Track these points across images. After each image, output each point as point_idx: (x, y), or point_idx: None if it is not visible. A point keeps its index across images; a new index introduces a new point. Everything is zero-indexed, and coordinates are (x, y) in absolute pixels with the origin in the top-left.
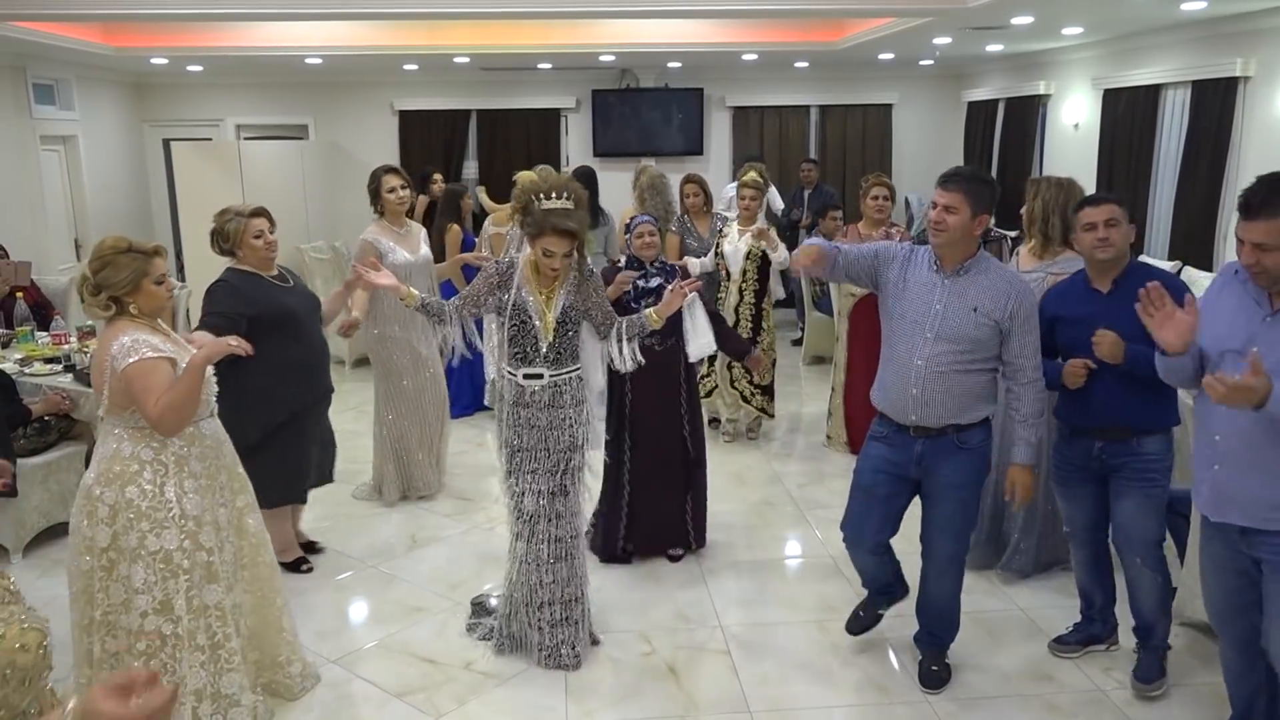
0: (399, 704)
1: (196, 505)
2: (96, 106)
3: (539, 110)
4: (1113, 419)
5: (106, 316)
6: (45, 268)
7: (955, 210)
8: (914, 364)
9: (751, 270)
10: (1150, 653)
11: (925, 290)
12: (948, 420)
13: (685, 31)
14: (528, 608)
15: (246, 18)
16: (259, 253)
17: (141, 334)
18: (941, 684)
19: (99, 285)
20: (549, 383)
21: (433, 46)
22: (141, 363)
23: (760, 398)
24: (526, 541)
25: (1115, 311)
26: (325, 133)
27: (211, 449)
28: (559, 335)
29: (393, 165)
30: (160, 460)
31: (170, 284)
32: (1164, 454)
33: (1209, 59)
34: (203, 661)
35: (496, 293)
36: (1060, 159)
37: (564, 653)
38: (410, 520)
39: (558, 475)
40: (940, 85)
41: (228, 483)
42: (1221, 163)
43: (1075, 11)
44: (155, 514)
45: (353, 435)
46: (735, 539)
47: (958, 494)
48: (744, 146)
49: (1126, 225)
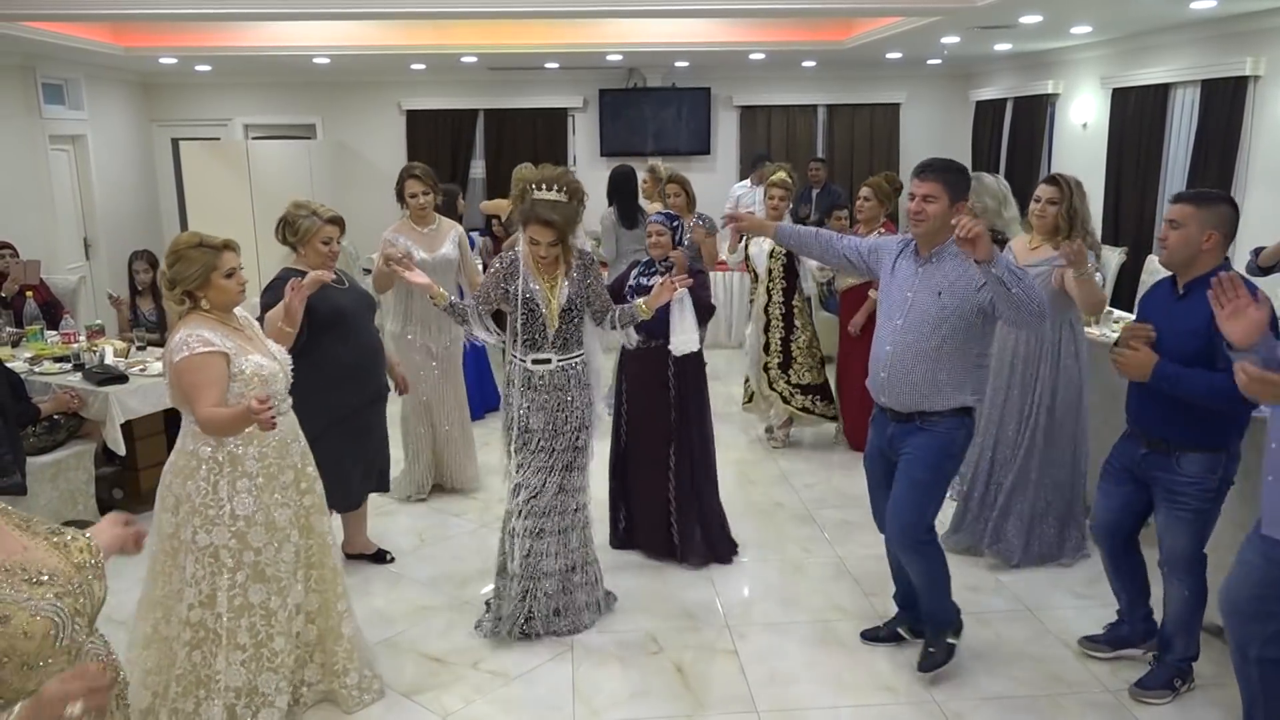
0: (407, 703)
1: (247, 506)
2: (105, 106)
3: (546, 110)
4: (1150, 428)
5: (181, 311)
6: (54, 267)
7: (935, 199)
8: (884, 349)
9: (778, 269)
10: (1161, 665)
11: (905, 279)
12: (913, 405)
13: (692, 31)
14: (532, 581)
15: (255, 17)
16: (322, 257)
17: (202, 329)
18: (935, 666)
19: (173, 280)
20: (556, 367)
21: (440, 46)
22: (191, 358)
23: (802, 397)
24: (524, 518)
25: (1180, 315)
26: (333, 132)
27: (275, 448)
28: (564, 322)
29: (415, 170)
30: (215, 458)
31: (242, 278)
32: (1204, 476)
33: (1218, 58)
34: (243, 660)
35: (504, 284)
36: (1069, 158)
37: (585, 617)
38: (418, 519)
39: (566, 453)
40: (948, 84)
41: (293, 482)
42: (1231, 162)
43: (1084, 10)
44: (207, 511)
45: None
46: (742, 539)
47: (910, 471)
48: (751, 146)
49: (1197, 229)
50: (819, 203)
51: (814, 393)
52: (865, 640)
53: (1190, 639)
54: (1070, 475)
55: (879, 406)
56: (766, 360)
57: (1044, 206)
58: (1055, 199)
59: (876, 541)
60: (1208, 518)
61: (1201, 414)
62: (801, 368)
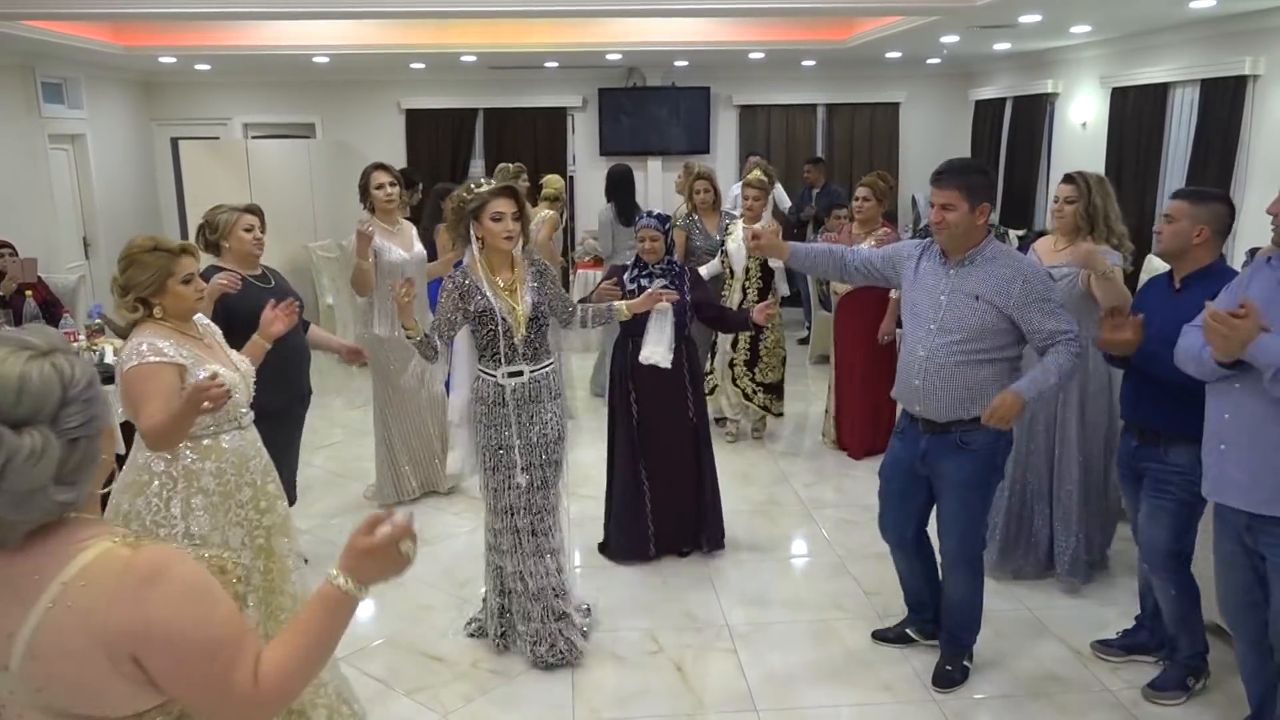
0: (406, 701)
1: (204, 523)
2: (105, 105)
3: (546, 109)
4: (1140, 418)
5: (135, 319)
6: (54, 266)
7: (953, 207)
8: (918, 355)
9: (755, 268)
10: (1172, 665)
11: (933, 283)
12: (950, 414)
13: (692, 30)
14: (516, 600)
15: (254, 16)
16: (246, 246)
17: (155, 338)
18: (951, 685)
19: (125, 285)
20: (528, 379)
21: (440, 45)
22: (141, 367)
23: (763, 396)
24: (510, 536)
25: (1178, 308)
26: (332, 131)
27: (234, 464)
28: (532, 330)
29: (381, 162)
30: (170, 473)
31: (200, 285)
32: (1191, 468)
33: (1218, 57)
34: None
35: (461, 305)
36: (1068, 158)
37: (561, 647)
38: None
39: (539, 469)
40: (948, 84)
41: (251, 500)
42: (1230, 161)
43: (1083, 10)
44: (159, 530)
45: (360, 434)
46: (742, 538)
47: (958, 492)
48: (751, 145)
49: (1190, 224)
50: (819, 202)
51: (773, 391)
52: (876, 640)
53: (1194, 635)
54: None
55: (909, 417)
56: (733, 356)
57: (1061, 205)
58: (1072, 197)
59: (876, 541)
60: (1191, 511)
61: (1193, 404)
62: (766, 367)
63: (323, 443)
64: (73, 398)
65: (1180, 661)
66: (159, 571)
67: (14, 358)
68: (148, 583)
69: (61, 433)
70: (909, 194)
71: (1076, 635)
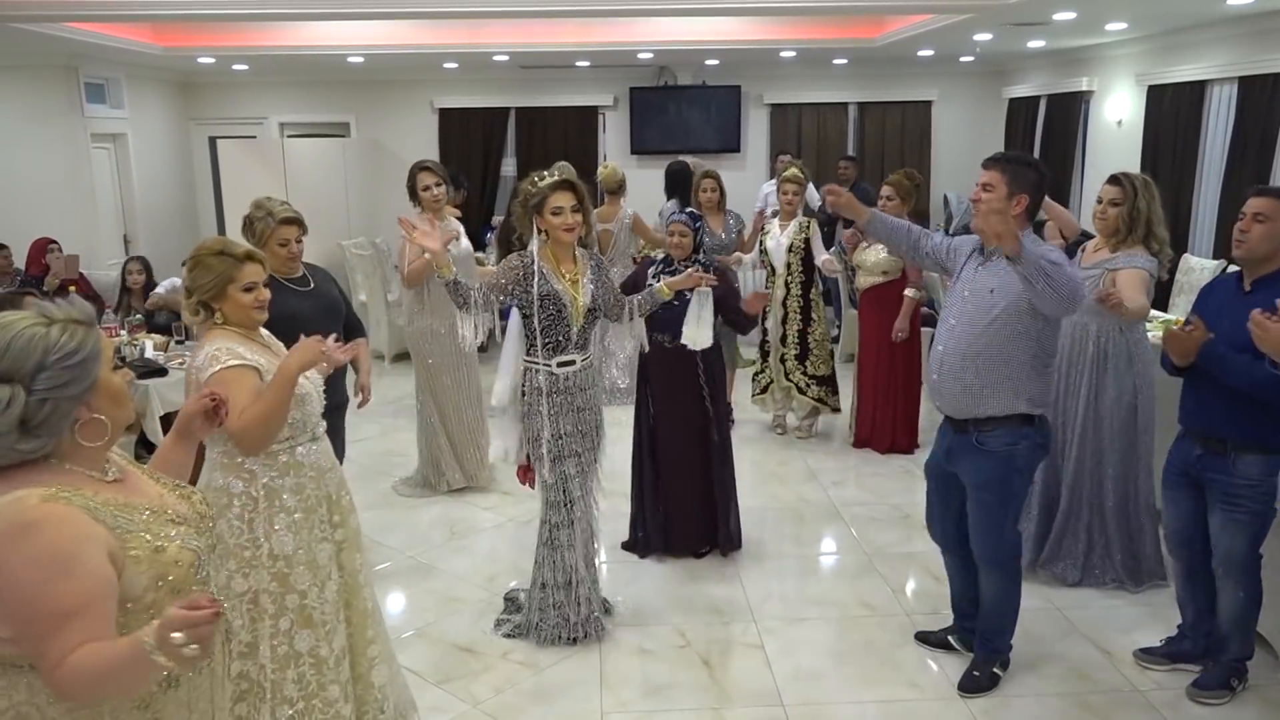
0: (437, 691)
1: (287, 544)
2: (145, 105)
3: (577, 108)
4: (1207, 426)
5: (198, 322)
6: (95, 262)
7: (992, 188)
8: (937, 349)
9: (796, 263)
10: (1218, 665)
11: (966, 278)
12: (965, 410)
13: (723, 29)
14: (565, 591)
15: (291, 17)
16: (280, 261)
17: (229, 343)
18: (977, 690)
19: (189, 287)
20: (580, 367)
21: (472, 45)
22: (224, 372)
23: (817, 388)
24: (570, 528)
25: (1246, 312)
26: (367, 130)
27: (312, 478)
28: (588, 321)
29: (426, 163)
30: (249, 494)
31: (263, 294)
32: (1262, 478)
33: (1256, 54)
34: (291, 715)
35: (521, 283)
36: (1103, 156)
37: (595, 623)
38: (449, 512)
39: (592, 454)
40: (981, 82)
41: (327, 515)
42: (1269, 160)
43: (1119, 7)
44: (242, 553)
45: (392, 430)
46: (769, 535)
47: (977, 495)
48: (781, 144)
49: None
50: None
51: (826, 384)
52: (918, 642)
53: (1246, 640)
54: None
55: (943, 416)
56: (784, 352)
57: (1105, 207)
58: (1118, 200)
59: (904, 539)
60: (1265, 519)
61: (1267, 412)
62: (817, 359)
63: (354, 437)
64: (50, 363)
65: (1226, 663)
66: (31, 527)
67: (20, 322)
68: (19, 534)
69: (33, 391)
70: (941, 193)
71: (1106, 636)
